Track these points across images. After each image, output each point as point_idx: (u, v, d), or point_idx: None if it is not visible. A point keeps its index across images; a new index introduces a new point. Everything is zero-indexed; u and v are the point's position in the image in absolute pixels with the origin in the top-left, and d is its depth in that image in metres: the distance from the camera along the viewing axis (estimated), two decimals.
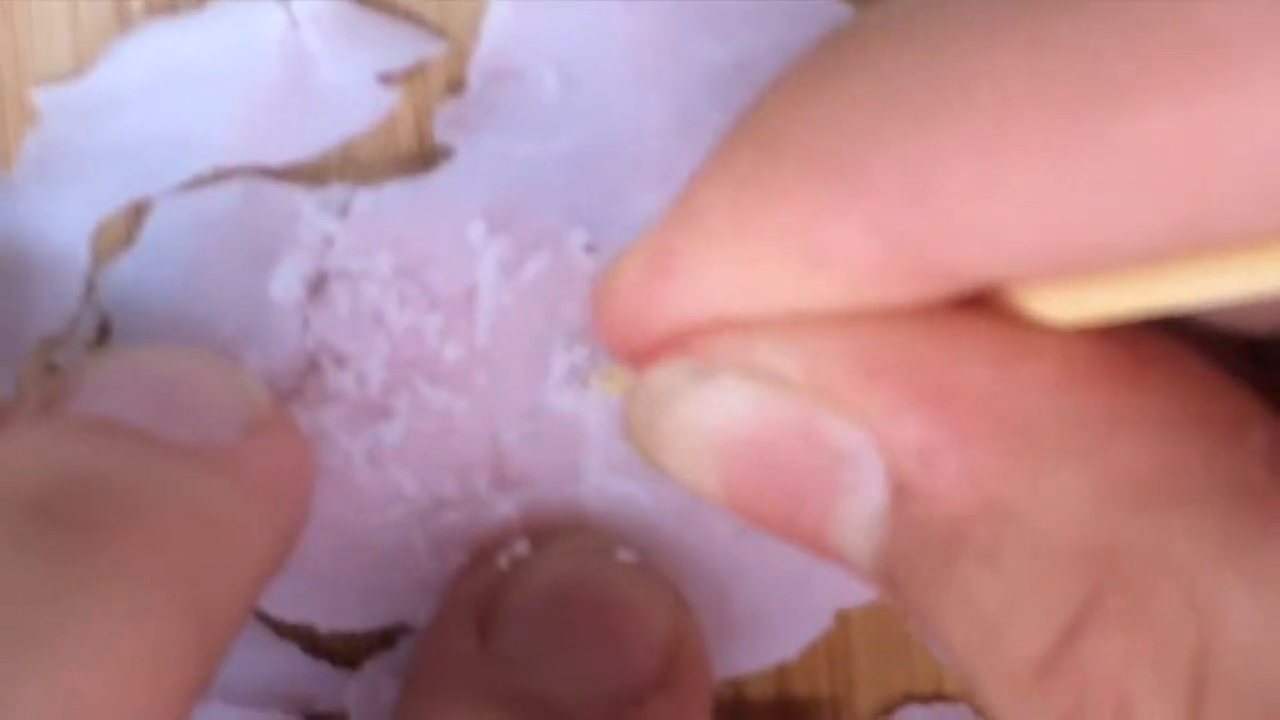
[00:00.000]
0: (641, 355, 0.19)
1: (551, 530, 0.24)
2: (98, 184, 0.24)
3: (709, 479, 0.19)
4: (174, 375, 0.22)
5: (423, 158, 0.25)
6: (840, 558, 0.18)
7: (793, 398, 0.18)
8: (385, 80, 0.25)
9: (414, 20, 0.25)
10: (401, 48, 0.24)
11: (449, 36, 0.25)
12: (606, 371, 0.21)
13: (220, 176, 0.24)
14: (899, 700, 0.26)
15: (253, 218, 0.24)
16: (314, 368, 0.24)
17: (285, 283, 0.24)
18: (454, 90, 0.25)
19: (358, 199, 0.24)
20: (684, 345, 0.19)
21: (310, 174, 0.25)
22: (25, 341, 0.25)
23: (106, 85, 0.24)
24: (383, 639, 0.25)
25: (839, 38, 0.17)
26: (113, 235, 0.25)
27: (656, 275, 0.19)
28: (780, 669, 0.26)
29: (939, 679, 0.26)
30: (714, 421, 0.19)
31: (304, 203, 0.24)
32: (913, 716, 0.26)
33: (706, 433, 0.19)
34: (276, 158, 0.25)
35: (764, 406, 0.18)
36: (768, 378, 0.18)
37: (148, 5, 0.24)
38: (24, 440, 0.21)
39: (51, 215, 0.24)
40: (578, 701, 0.23)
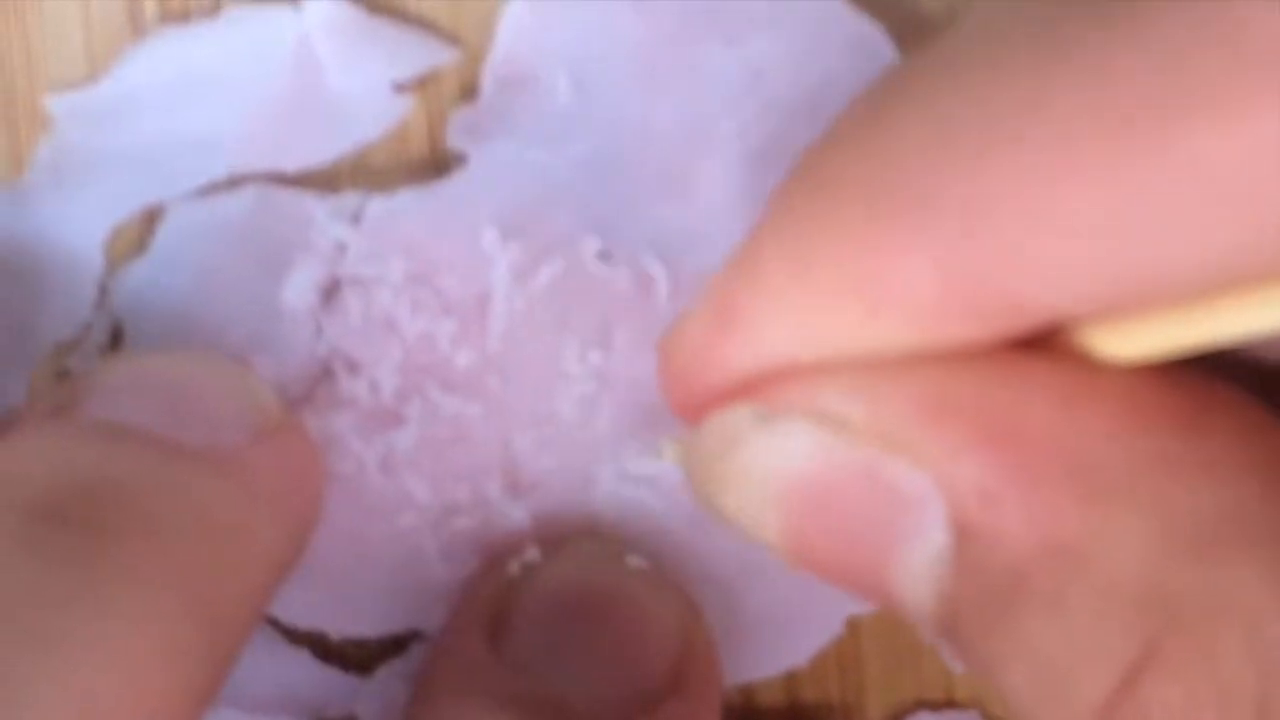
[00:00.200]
0: (707, 409, 0.19)
1: (563, 536, 0.24)
2: (111, 190, 0.24)
3: (770, 524, 0.19)
4: (184, 380, 0.22)
5: (435, 164, 0.25)
6: (902, 605, 0.18)
7: (856, 442, 0.18)
8: (398, 87, 0.25)
9: (427, 27, 0.25)
10: (414, 55, 0.25)
11: (462, 43, 0.25)
12: (677, 441, 0.21)
13: (233, 183, 0.24)
14: (909, 707, 0.26)
15: (265, 224, 0.24)
16: (326, 374, 0.24)
17: (298, 289, 0.24)
18: (467, 97, 0.25)
19: (371, 206, 0.24)
20: (748, 393, 0.19)
21: (323, 181, 0.25)
22: (38, 347, 0.25)
23: (119, 92, 0.24)
24: (394, 645, 0.25)
25: (890, 81, 0.17)
26: (126, 241, 0.25)
27: (720, 327, 0.19)
28: (790, 675, 0.26)
29: (949, 685, 0.26)
30: (776, 466, 0.19)
31: (317, 209, 0.24)
32: None
33: (769, 477, 0.19)
34: (289, 164, 0.25)
35: (827, 451, 0.18)
36: (831, 422, 0.18)
37: (161, 11, 0.25)
38: (35, 444, 0.21)
39: (65, 221, 0.24)
40: (588, 707, 0.23)
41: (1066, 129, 0.15)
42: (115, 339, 0.25)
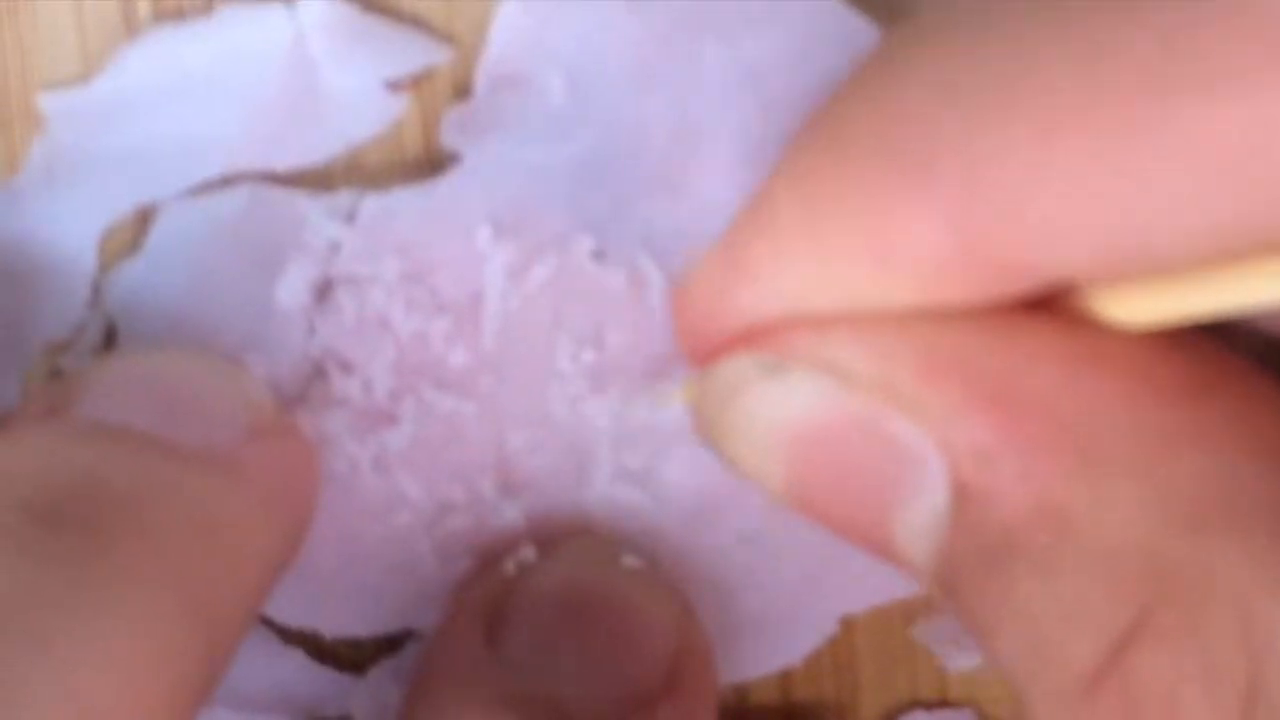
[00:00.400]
0: (717, 354, 0.19)
1: (557, 536, 0.24)
2: (104, 189, 0.24)
3: (774, 472, 0.19)
4: (177, 379, 0.22)
5: (429, 163, 0.25)
6: (901, 559, 0.18)
7: (861, 394, 0.18)
8: (392, 86, 0.25)
9: (421, 26, 0.25)
10: (408, 54, 0.25)
11: (456, 42, 0.25)
12: (687, 382, 0.21)
13: (227, 182, 0.24)
14: (903, 706, 0.26)
15: (259, 224, 0.24)
16: (320, 373, 0.24)
17: (291, 288, 0.24)
18: (461, 96, 0.25)
19: (364, 205, 0.24)
20: (757, 341, 0.19)
21: (317, 180, 0.25)
22: (31, 347, 0.25)
23: (113, 91, 0.24)
24: (389, 645, 0.25)
25: (899, 41, 0.17)
26: (119, 241, 0.25)
27: (730, 274, 0.19)
28: (785, 674, 0.26)
29: (943, 685, 0.26)
30: (782, 414, 0.19)
31: (310, 209, 0.24)
32: None
33: (774, 425, 0.19)
34: (283, 163, 0.25)
35: (832, 402, 0.18)
36: (837, 373, 0.18)
37: (155, 11, 0.24)
38: (29, 444, 0.21)
39: (58, 221, 0.24)
40: (583, 706, 0.23)
41: (1072, 91, 0.15)
42: (109, 338, 0.25)
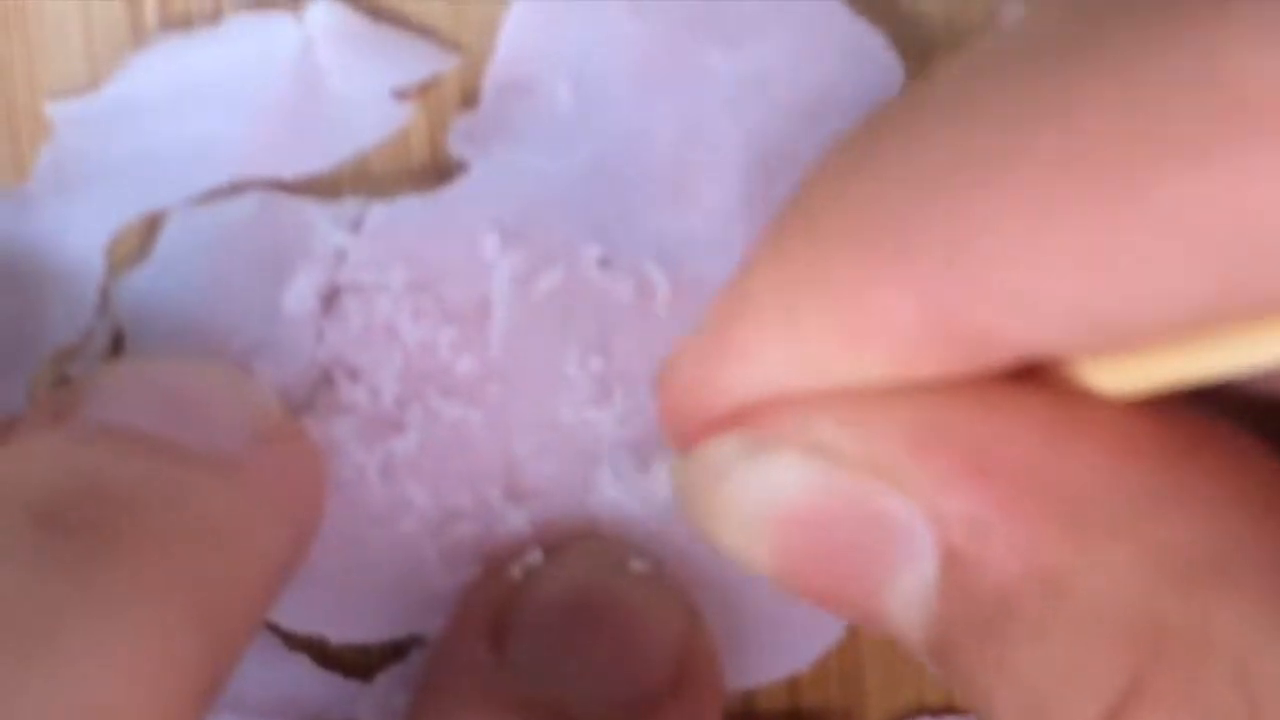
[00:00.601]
0: (700, 437, 0.19)
1: (563, 542, 0.24)
2: (112, 196, 0.24)
3: (761, 553, 0.19)
4: (184, 384, 0.22)
5: (436, 171, 0.25)
6: (894, 630, 0.18)
7: (846, 472, 0.18)
8: (399, 94, 0.25)
9: (428, 34, 0.25)
10: (415, 61, 0.25)
11: (463, 50, 0.25)
12: (673, 467, 0.21)
13: (235, 189, 0.24)
14: (910, 712, 0.26)
15: (266, 231, 0.24)
16: (327, 380, 0.24)
17: (299, 295, 0.24)
18: (468, 104, 0.25)
19: (371, 212, 0.24)
20: (741, 423, 0.19)
21: (324, 187, 0.25)
22: (39, 352, 0.25)
23: (121, 98, 0.24)
24: (395, 651, 0.25)
25: (877, 121, 0.18)
26: (127, 248, 0.25)
27: (712, 357, 0.19)
28: (792, 680, 0.26)
29: (949, 691, 0.26)
30: (767, 495, 0.19)
31: (317, 216, 0.24)
32: None
33: (759, 506, 0.19)
34: (290, 171, 0.25)
35: (817, 481, 0.18)
36: (821, 452, 0.18)
37: (162, 18, 0.25)
38: (36, 449, 0.21)
39: (66, 227, 0.24)
40: (590, 711, 0.23)
41: (1043, 173, 0.16)
42: (116, 345, 0.25)
